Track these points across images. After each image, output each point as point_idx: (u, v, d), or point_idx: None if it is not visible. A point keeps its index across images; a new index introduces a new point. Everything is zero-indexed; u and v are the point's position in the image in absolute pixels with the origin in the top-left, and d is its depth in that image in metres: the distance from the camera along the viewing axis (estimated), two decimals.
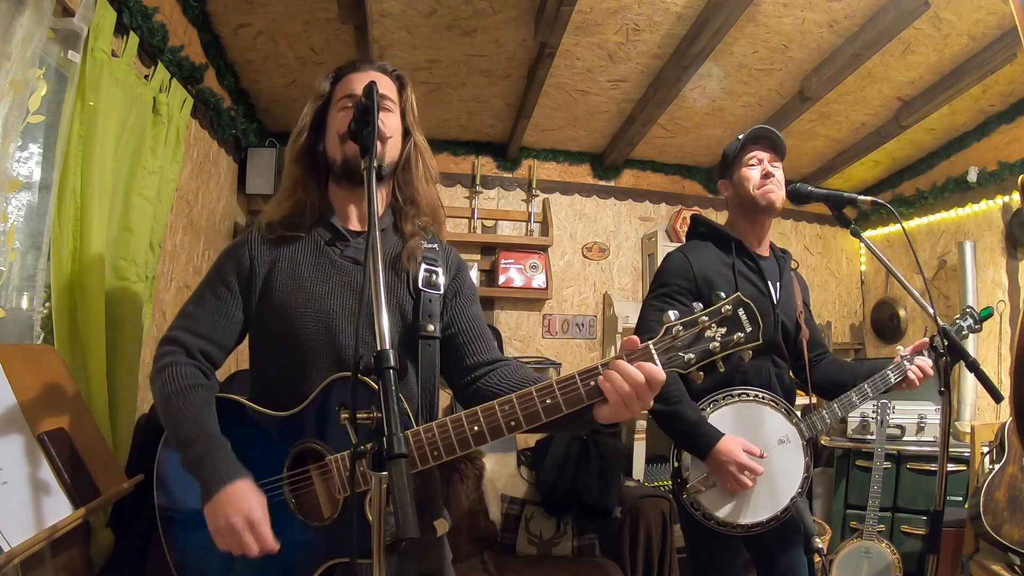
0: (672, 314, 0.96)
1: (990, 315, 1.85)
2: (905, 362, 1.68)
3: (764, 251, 1.79)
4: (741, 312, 0.94)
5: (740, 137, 1.79)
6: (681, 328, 0.95)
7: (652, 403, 0.95)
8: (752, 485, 1.54)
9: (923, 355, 1.70)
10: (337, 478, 1.04)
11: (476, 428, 0.98)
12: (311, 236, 1.19)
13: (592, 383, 0.95)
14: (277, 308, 1.14)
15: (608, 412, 0.95)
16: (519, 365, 1.20)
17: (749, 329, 0.94)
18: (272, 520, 1.07)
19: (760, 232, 1.78)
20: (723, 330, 0.94)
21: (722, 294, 0.97)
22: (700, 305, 0.96)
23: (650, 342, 0.95)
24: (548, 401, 0.96)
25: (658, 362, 0.93)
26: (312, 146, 1.22)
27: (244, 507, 0.99)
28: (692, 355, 0.94)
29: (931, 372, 1.67)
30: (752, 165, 1.73)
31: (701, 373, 0.96)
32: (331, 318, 1.13)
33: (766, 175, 1.71)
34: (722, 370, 0.96)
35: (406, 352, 1.15)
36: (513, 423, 0.97)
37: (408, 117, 1.24)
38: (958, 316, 1.81)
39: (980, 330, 1.83)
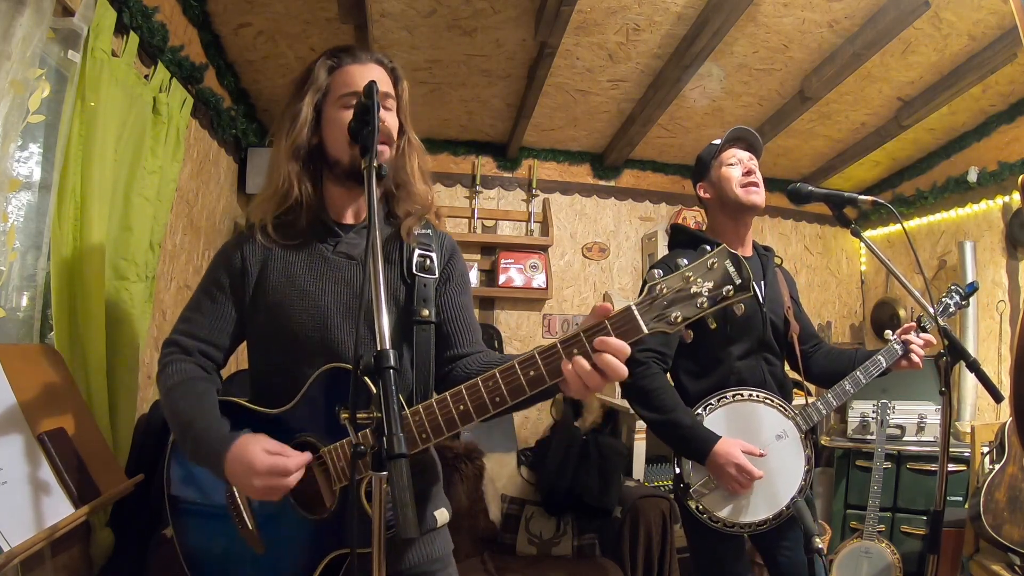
0: (656, 272, 0.92)
1: (976, 289, 1.84)
2: (895, 345, 1.69)
3: (747, 251, 1.80)
4: (728, 264, 0.90)
5: (715, 142, 1.80)
6: (665, 286, 0.91)
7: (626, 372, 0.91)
8: (750, 487, 1.54)
9: (912, 335, 1.70)
10: (333, 469, 1.05)
11: (462, 407, 0.97)
12: (303, 233, 1.17)
13: (575, 351, 0.91)
14: (271, 306, 1.14)
15: (572, 389, 0.93)
16: (489, 351, 1.21)
17: (738, 281, 0.89)
18: (275, 517, 1.09)
19: (743, 232, 1.78)
20: (710, 284, 0.89)
21: (707, 247, 0.92)
22: (686, 261, 0.92)
23: (632, 303, 0.92)
24: (532, 373, 0.94)
25: (642, 323, 0.90)
26: (308, 140, 1.18)
27: (257, 456, 0.99)
28: (679, 313, 0.90)
29: (932, 341, 1.67)
30: (732, 164, 1.75)
31: (691, 332, 0.92)
32: (325, 315, 1.12)
33: (748, 172, 1.72)
34: (713, 326, 0.93)
35: (401, 337, 1.15)
36: (498, 398, 0.95)
37: (402, 112, 1.23)
38: (944, 295, 1.81)
39: (967, 305, 1.83)
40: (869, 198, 1.62)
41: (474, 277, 3.49)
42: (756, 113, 3.24)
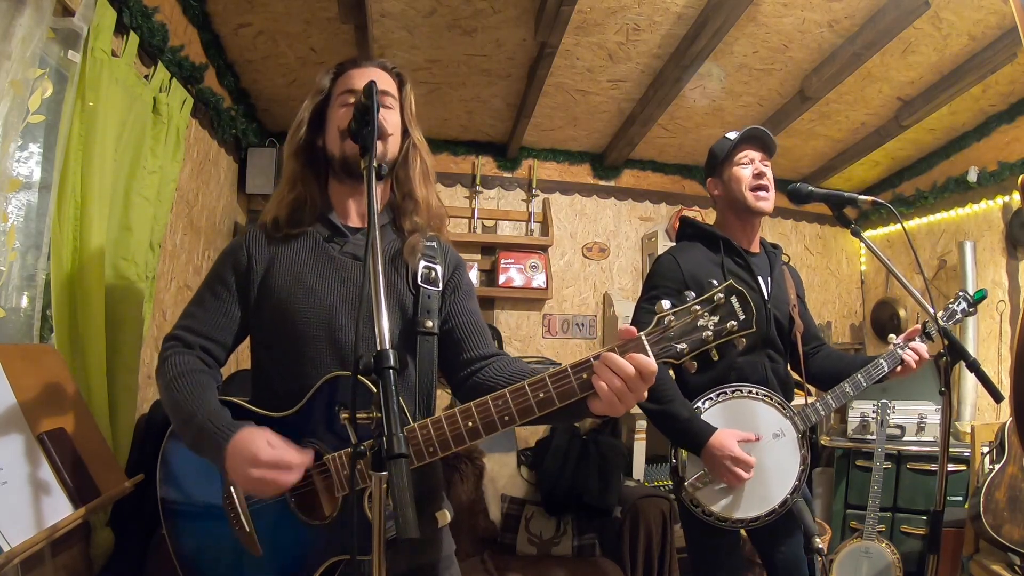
0: (665, 303, 0.94)
1: (984, 297, 1.83)
2: (898, 350, 1.68)
3: (754, 247, 1.80)
4: (734, 300, 0.93)
5: (729, 136, 1.79)
6: (673, 318, 0.94)
7: (645, 395, 0.93)
8: (748, 477, 1.54)
9: (916, 341, 1.69)
10: (336, 477, 1.04)
11: (470, 423, 0.98)
12: (310, 233, 1.20)
13: (584, 376, 0.94)
14: (276, 305, 1.15)
15: (601, 406, 0.94)
16: (514, 359, 1.21)
17: (743, 317, 0.92)
18: (273, 520, 1.09)
19: (750, 230, 1.78)
20: (716, 319, 0.92)
21: (714, 282, 0.95)
22: (693, 294, 0.95)
23: (642, 333, 0.94)
24: (541, 395, 0.95)
25: (650, 353, 0.92)
26: (311, 141, 1.22)
27: (261, 447, 0.98)
28: (685, 345, 0.93)
29: (927, 356, 1.67)
30: (744, 164, 1.74)
31: (695, 363, 0.95)
32: (331, 314, 1.13)
33: (758, 175, 1.72)
34: (715, 358, 0.95)
35: (405, 347, 1.15)
36: (507, 417, 0.97)
37: (407, 114, 1.24)
38: (951, 301, 1.80)
39: (975, 313, 1.82)
40: (869, 198, 1.62)
41: (474, 277, 3.49)
42: (756, 113, 3.24)
